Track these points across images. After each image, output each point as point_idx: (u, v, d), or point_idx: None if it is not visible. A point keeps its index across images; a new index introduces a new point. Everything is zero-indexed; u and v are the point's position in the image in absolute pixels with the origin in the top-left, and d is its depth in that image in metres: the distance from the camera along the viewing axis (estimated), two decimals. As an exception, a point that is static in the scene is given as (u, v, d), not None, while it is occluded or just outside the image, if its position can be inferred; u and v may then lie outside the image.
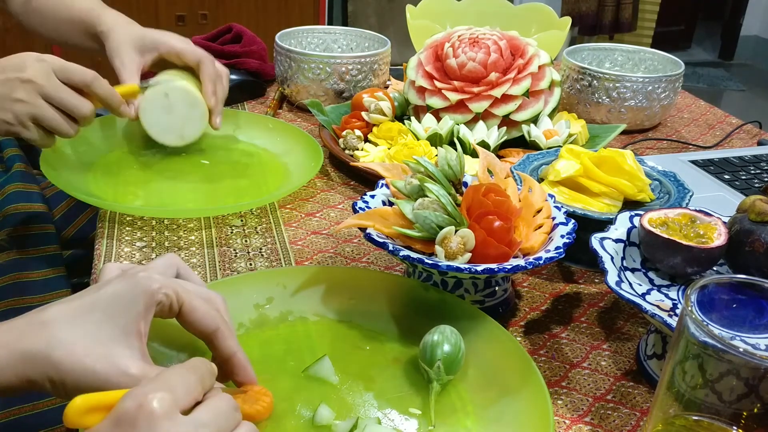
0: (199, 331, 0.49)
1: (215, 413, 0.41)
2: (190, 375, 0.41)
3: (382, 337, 0.60)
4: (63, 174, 0.83)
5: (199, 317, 0.49)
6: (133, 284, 0.46)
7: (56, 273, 0.86)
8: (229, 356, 0.49)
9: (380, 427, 0.50)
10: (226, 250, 0.75)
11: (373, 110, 0.96)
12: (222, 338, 0.49)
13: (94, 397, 0.39)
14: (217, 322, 0.49)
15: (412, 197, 0.63)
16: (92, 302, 0.46)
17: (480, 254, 0.60)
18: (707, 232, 0.61)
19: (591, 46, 1.22)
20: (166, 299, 0.47)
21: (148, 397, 0.38)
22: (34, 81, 0.72)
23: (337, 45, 1.23)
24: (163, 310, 0.48)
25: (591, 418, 0.55)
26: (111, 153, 0.92)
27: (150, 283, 0.47)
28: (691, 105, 1.28)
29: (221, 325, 0.49)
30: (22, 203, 0.89)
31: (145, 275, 0.47)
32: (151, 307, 0.46)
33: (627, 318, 0.67)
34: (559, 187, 0.75)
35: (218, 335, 0.49)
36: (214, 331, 0.49)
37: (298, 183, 0.84)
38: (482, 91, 0.92)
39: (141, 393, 0.38)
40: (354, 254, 0.75)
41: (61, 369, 0.43)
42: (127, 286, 0.46)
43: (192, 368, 0.42)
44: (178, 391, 0.40)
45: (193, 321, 0.49)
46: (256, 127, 1.00)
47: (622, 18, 3.85)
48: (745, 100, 3.90)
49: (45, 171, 0.79)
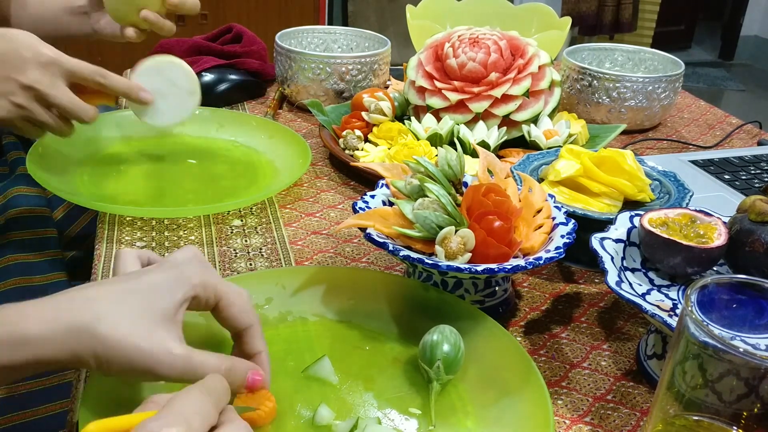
0: (233, 326, 0.50)
1: None
2: (205, 400, 0.40)
3: (382, 337, 0.60)
4: (56, 176, 0.82)
5: (235, 313, 0.50)
6: (174, 275, 0.47)
7: (58, 277, 0.86)
8: (255, 354, 0.51)
9: (380, 427, 0.50)
10: (226, 250, 0.75)
11: (373, 110, 0.96)
12: (253, 335, 0.50)
13: (108, 422, 0.39)
14: (252, 318, 0.50)
15: (412, 197, 0.63)
16: (135, 285, 0.47)
17: (480, 254, 0.60)
18: (707, 232, 0.61)
19: (591, 46, 1.22)
20: (204, 293, 0.48)
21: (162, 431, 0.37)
22: (34, 87, 0.71)
23: (337, 45, 1.23)
24: (199, 303, 0.49)
25: (591, 418, 0.55)
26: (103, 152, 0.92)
27: (191, 275, 0.48)
28: (691, 105, 1.28)
29: (255, 321, 0.50)
30: (25, 206, 0.89)
31: (188, 268, 0.48)
32: (189, 299, 0.47)
33: (627, 318, 0.67)
34: (559, 187, 0.75)
35: (251, 332, 0.50)
36: (248, 328, 0.50)
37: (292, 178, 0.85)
38: (482, 91, 0.92)
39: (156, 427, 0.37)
40: (354, 254, 0.75)
41: (107, 344, 0.43)
42: (168, 276, 0.47)
43: (208, 391, 0.41)
44: (194, 422, 0.39)
45: (230, 316, 0.50)
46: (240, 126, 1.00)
47: (622, 18, 3.85)
48: (745, 100, 3.90)
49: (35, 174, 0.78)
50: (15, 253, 0.85)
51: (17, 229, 0.87)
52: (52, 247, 0.88)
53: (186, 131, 0.97)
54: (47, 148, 0.85)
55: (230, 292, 0.50)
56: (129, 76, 0.85)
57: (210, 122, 0.99)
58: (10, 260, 0.84)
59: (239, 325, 0.50)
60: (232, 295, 0.50)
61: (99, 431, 0.39)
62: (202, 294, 0.48)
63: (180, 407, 0.39)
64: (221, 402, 0.42)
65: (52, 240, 0.89)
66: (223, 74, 1.12)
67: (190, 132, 0.98)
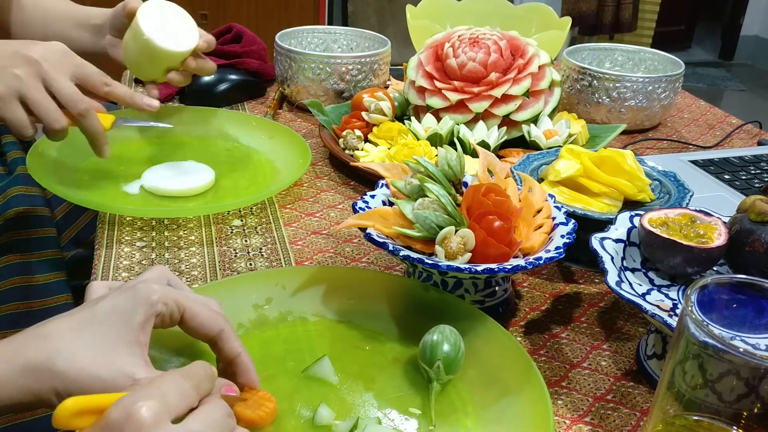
0: (203, 334, 0.49)
1: (207, 422, 0.40)
2: (184, 381, 0.40)
3: (382, 337, 0.60)
4: (56, 177, 0.82)
5: (202, 321, 0.49)
6: (132, 295, 0.46)
7: (57, 277, 0.86)
8: (233, 357, 0.50)
9: (380, 427, 0.50)
10: (226, 250, 0.75)
11: (373, 110, 0.96)
12: (227, 339, 0.49)
13: (85, 399, 0.39)
14: (221, 323, 0.49)
15: (412, 197, 0.63)
16: (91, 315, 0.45)
17: (480, 254, 0.60)
18: (707, 232, 0.61)
19: (591, 46, 1.22)
20: (166, 309, 0.47)
21: (137, 404, 0.37)
22: (38, 62, 0.70)
23: (337, 45, 1.23)
24: (164, 320, 0.48)
25: (591, 418, 0.55)
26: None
27: (149, 293, 0.46)
28: (691, 105, 1.28)
29: (225, 326, 0.49)
30: (24, 207, 0.89)
31: (144, 286, 0.47)
32: (151, 317, 0.46)
33: (627, 318, 0.67)
34: (559, 187, 0.75)
35: (223, 336, 0.49)
36: (219, 333, 0.49)
37: (292, 178, 0.85)
38: (482, 91, 0.92)
39: (130, 401, 0.37)
40: (354, 254, 0.75)
41: (66, 379, 0.42)
42: (125, 298, 0.46)
43: (188, 374, 0.41)
44: (170, 398, 0.39)
45: (197, 326, 0.49)
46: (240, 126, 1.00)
47: (622, 18, 3.85)
48: (745, 100, 3.90)
49: (35, 174, 0.78)
50: (15, 253, 0.85)
51: (17, 229, 0.87)
52: (52, 247, 0.88)
53: (186, 131, 0.97)
54: (47, 147, 0.85)
55: (194, 302, 0.49)
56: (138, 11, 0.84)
57: (210, 122, 0.99)
58: (9, 260, 0.84)
59: (208, 332, 0.49)
60: (196, 305, 0.49)
61: (76, 406, 0.38)
62: (165, 310, 0.47)
63: (158, 384, 0.39)
64: (202, 386, 0.42)
65: (52, 240, 0.89)
66: (223, 74, 1.12)
67: (190, 132, 0.98)
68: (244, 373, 0.50)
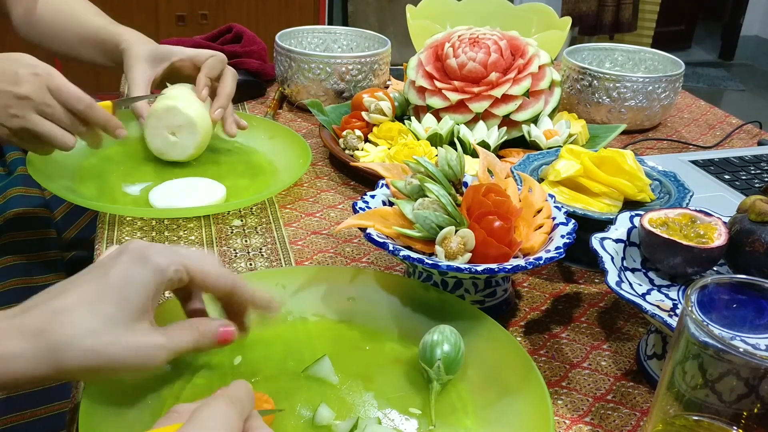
0: (218, 290, 0.51)
1: None
2: (230, 412, 0.40)
3: (382, 337, 0.60)
4: (56, 177, 0.82)
5: (214, 278, 0.50)
6: (144, 265, 0.47)
7: (57, 278, 0.86)
8: (251, 300, 0.52)
9: (380, 427, 0.50)
10: (226, 250, 0.75)
11: (373, 110, 0.96)
12: (242, 287, 0.52)
13: None
14: (233, 276, 0.51)
15: (412, 197, 0.63)
16: (105, 287, 0.46)
17: (480, 254, 0.60)
18: (707, 232, 0.61)
19: (591, 46, 1.22)
20: (176, 275, 0.49)
21: None
22: (30, 97, 0.72)
23: (337, 45, 1.23)
24: (172, 285, 0.49)
25: (591, 418, 0.55)
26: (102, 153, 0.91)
27: (159, 262, 0.48)
28: (691, 105, 1.28)
29: (234, 277, 0.51)
30: (24, 207, 0.89)
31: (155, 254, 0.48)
32: (162, 285, 0.48)
33: (627, 318, 0.67)
34: (559, 187, 0.75)
35: (238, 286, 0.51)
36: (233, 285, 0.51)
37: (292, 178, 0.84)
38: (482, 91, 0.92)
39: None
40: (354, 254, 0.75)
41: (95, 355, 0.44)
42: (138, 269, 0.47)
43: (232, 402, 0.41)
44: None
45: (211, 284, 0.51)
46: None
47: (622, 18, 3.85)
48: (745, 100, 3.90)
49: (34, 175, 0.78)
50: (14, 254, 0.85)
51: (16, 230, 0.87)
52: (52, 248, 0.88)
53: None
54: None
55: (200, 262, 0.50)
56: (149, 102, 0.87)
57: None
58: (9, 261, 0.84)
59: (222, 287, 0.51)
60: (204, 265, 0.50)
61: None
62: (175, 276, 0.48)
63: (206, 421, 0.38)
64: (246, 410, 0.42)
65: (52, 241, 0.89)
66: (223, 74, 1.12)
67: None
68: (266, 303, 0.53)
